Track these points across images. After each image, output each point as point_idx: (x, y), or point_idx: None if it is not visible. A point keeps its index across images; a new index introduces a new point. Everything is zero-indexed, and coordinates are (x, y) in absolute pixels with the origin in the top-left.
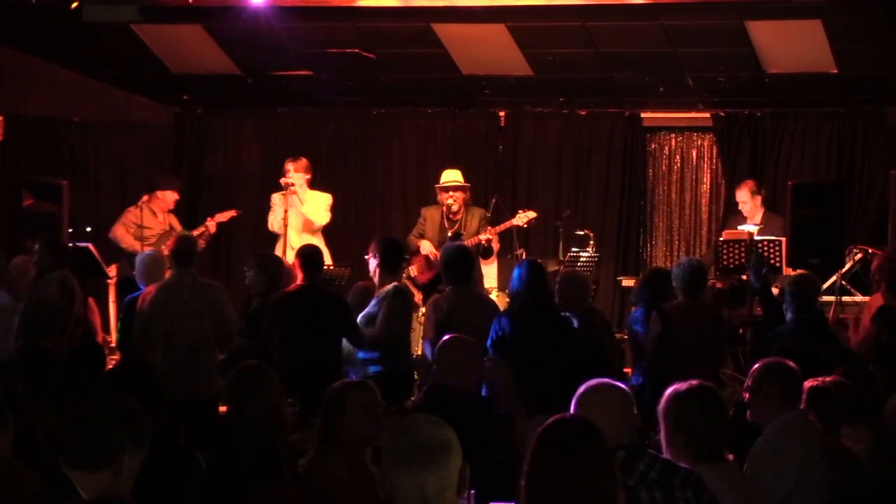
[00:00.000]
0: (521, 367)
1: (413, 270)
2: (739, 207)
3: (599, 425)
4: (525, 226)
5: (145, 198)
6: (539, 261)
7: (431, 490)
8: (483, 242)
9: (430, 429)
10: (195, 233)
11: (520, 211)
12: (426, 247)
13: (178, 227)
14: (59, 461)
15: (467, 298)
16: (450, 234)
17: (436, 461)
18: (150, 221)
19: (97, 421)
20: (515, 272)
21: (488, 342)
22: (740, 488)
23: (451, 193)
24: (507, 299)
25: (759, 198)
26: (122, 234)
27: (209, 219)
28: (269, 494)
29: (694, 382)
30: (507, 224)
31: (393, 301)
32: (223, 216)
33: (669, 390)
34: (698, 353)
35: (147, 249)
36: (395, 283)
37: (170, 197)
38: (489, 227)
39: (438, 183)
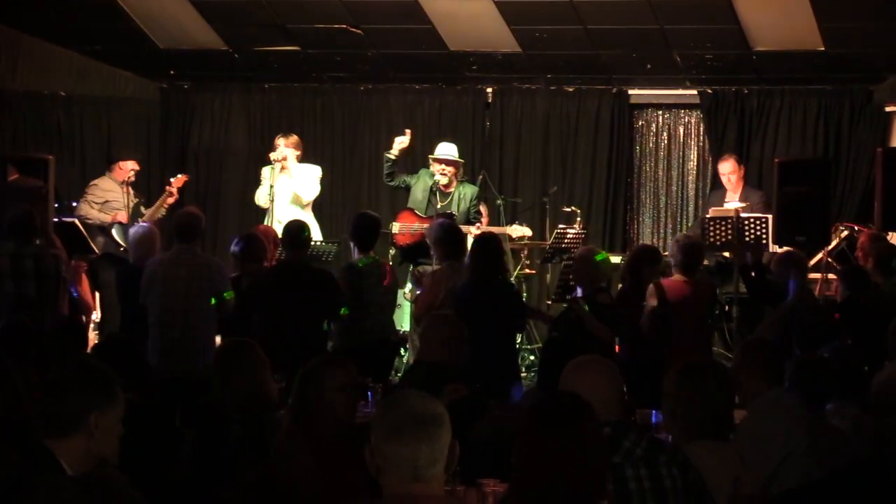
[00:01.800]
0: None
1: (395, 227)
2: (724, 181)
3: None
4: (516, 238)
5: (115, 171)
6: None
7: (423, 462)
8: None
9: (423, 402)
10: (159, 202)
11: (517, 223)
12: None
13: (133, 199)
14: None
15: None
16: (438, 208)
17: (428, 433)
18: (116, 194)
19: (57, 385)
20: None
21: None
22: (732, 467)
23: (442, 167)
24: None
25: (742, 170)
26: (87, 209)
27: (167, 186)
28: (256, 471)
29: (708, 361)
30: (500, 229)
31: (339, 276)
32: (177, 182)
33: (683, 365)
34: (692, 329)
35: (117, 220)
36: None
37: (130, 167)
38: (482, 221)
39: (433, 153)
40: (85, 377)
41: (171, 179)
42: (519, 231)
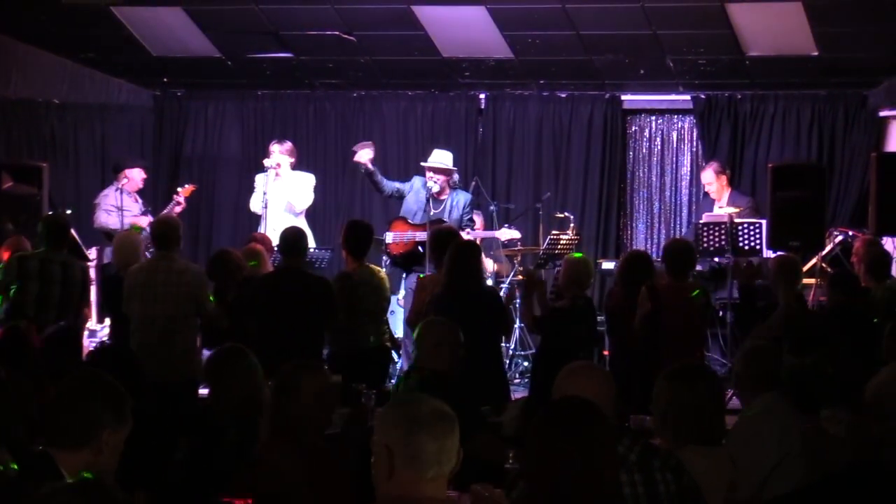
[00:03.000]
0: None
1: (388, 237)
2: (706, 190)
3: None
4: (506, 242)
5: (123, 181)
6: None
7: (444, 457)
8: None
9: (437, 402)
10: (167, 211)
11: (506, 226)
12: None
13: (142, 207)
14: (42, 441)
15: None
16: (431, 216)
17: (452, 430)
18: (128, 203)
19: (76, 398)
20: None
21: None
22: (726, 472)
23: (433, 174)
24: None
25: (724, 178)
26: (106, 218)
27: (175, 195)
28: (248, 477)
29: (698, 365)
30: (489, 234)
31: (333, 283)
32: (185, 191)
33: (673, 370)
34: (685, 333)
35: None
36: (349, 269)
37: (138, 175)
38: (474, 230)
39: (426, 160)
40: (102, 394)
41: (179, 189)
42: (508, 234)
